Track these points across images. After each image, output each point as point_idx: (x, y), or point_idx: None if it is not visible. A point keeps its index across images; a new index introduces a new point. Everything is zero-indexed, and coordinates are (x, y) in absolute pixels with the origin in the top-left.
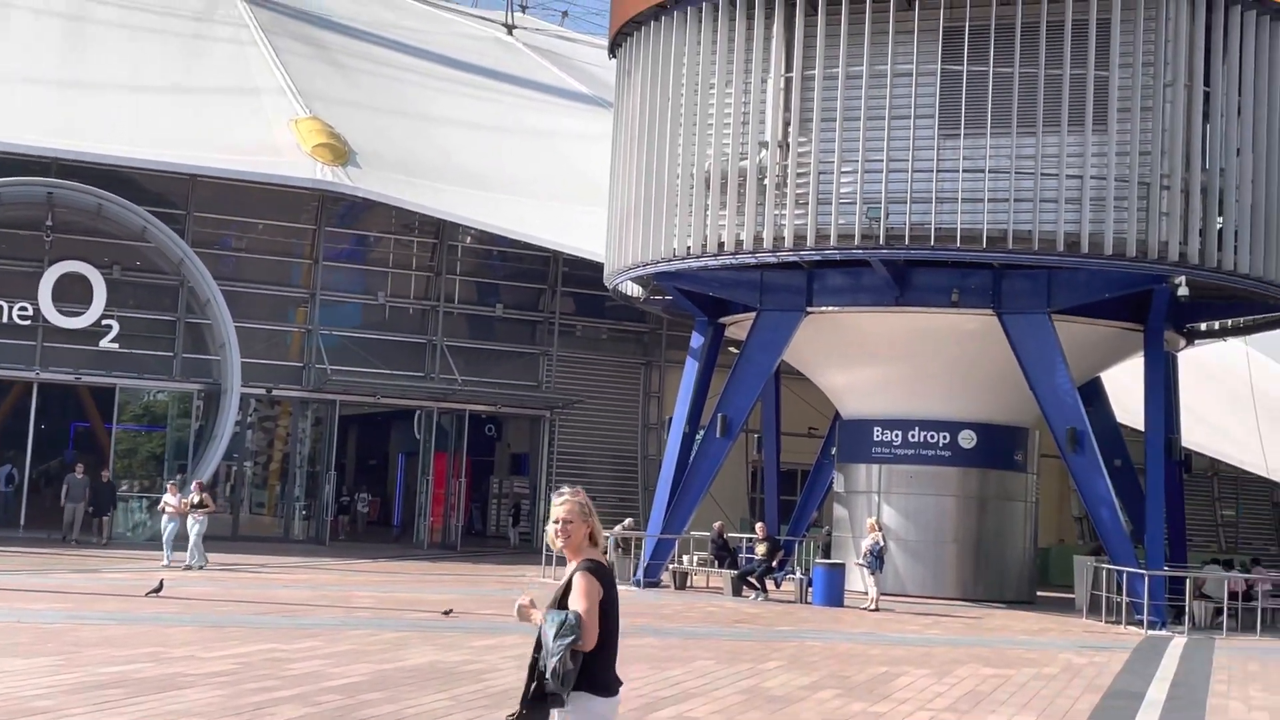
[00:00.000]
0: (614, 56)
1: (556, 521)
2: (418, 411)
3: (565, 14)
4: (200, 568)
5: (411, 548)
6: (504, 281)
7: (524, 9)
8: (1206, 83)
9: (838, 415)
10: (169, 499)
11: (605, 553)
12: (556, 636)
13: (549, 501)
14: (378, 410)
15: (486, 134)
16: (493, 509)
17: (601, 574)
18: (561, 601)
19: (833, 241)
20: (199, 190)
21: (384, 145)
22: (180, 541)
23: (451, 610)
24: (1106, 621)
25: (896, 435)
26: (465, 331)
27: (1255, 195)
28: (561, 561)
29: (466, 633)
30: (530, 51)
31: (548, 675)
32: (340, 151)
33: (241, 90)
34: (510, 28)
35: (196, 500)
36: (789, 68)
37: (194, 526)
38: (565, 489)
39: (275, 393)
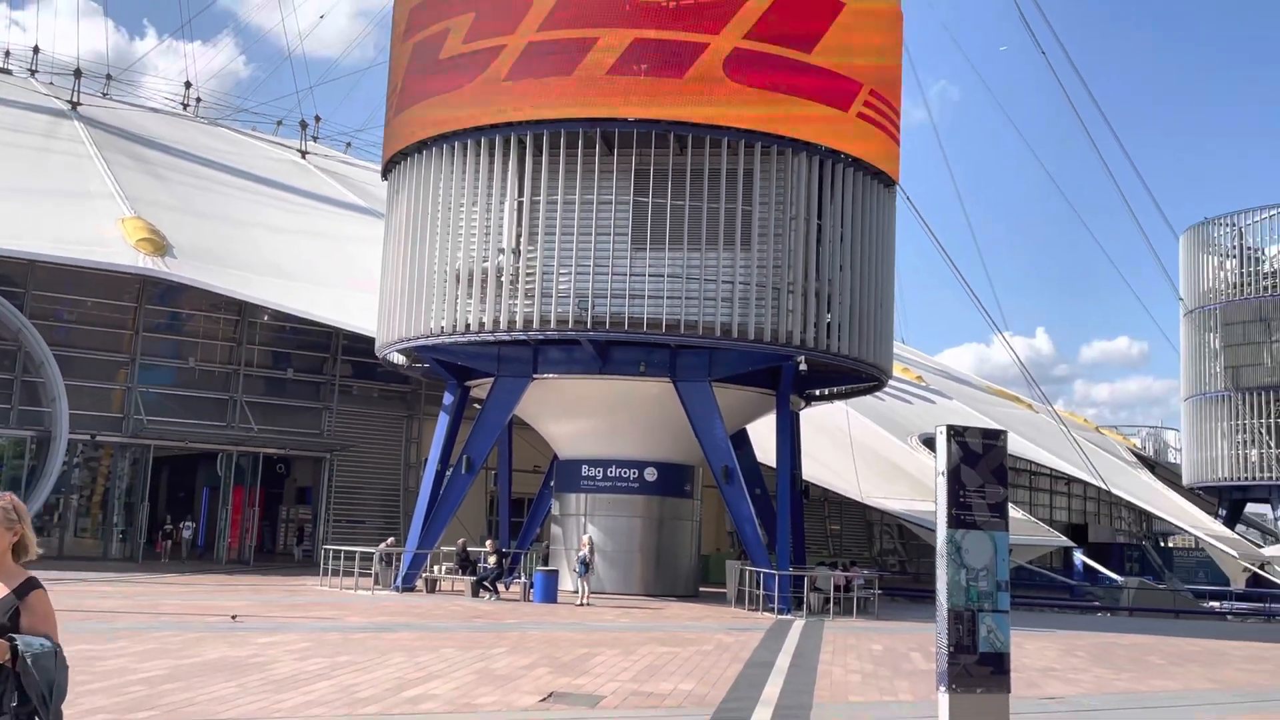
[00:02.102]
0: (386, 178)
1: None
2: (220, 454)
3: (349, 144)
4: None
5: (212, 564)
6: (294, 350)
7: (315, 139)
8: (820, 217)
9: (556, 456)
10: None
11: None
12: (38, 668)
13: (329, 525)
14: (187, 453)
15: (283, 235)
16: (281, 531)
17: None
18: (12, 621)
19: (553, 325)
20: (37, 273)
21: (197, 241)
22: None
23: (238, 615)
24: (749, 609)
25: (599, 471)
26: (261, 390)
27: (853, 299)
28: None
29: (254, 632)
30: (320, 172)
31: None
32: (159, 245)
33: (77, 194)
34: (304, 153)
35: None
36: (521, 193)
37: None
38: None
39: (99, 438)
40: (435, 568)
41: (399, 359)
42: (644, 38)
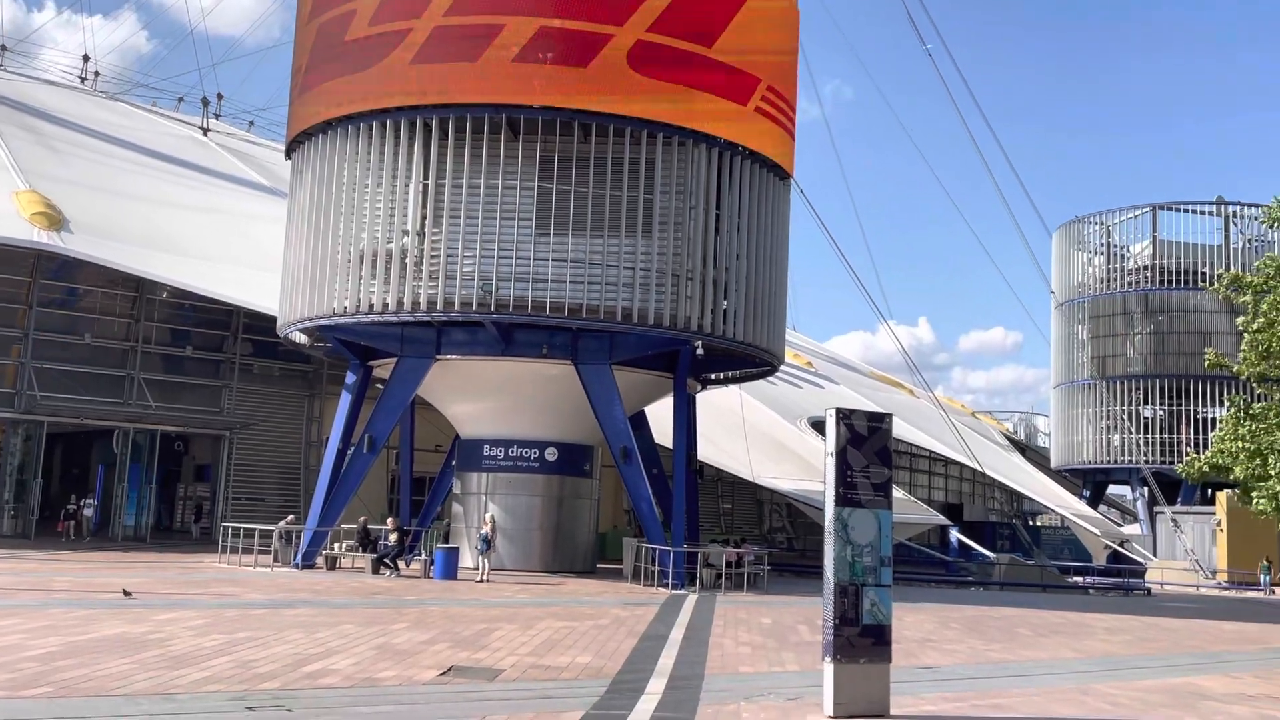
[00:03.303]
0: (290, 157)
1: None
2: (116, 431)
3: (252, 123)
4: None
5: (107, 541)
6: (194, 328)
7: (217, 117)
8: (718, 207)
9: (458, 436)
10: None
11: None
12: None
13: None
14: (82, 430)
15: (184, 211)
16: (179, 509)
17: None
18: None
19: (456, 307)
20: None
21: (94, 216)
22: None
23: (131, 592)
24: (645, 585)
25: (501, 451)
26: (160, 367)
27: (748, 287)
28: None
29: (151, 609)
30: (222, 150)
31: None
32: (55, 219)
33: None
34: (206, 130)
35: None
36: (426, 176)
37: None
38: None
39: None
40: (335, 545)
41: (301, 338)
42: (550, 27)
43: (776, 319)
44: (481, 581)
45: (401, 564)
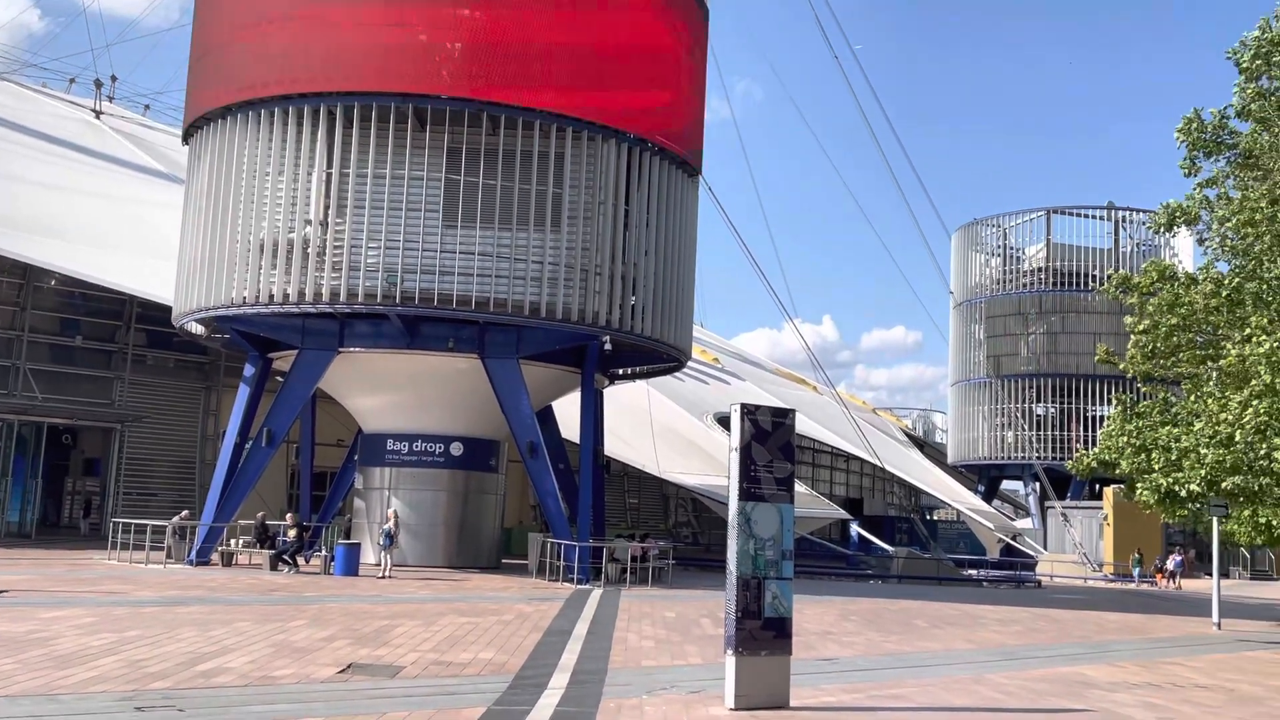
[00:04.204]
0: (187, 143)
1: None
2: (0, 423)
3: (147, 107)
4: None
5: None
6: (84, 317)
7: (111, 99)
8: (627, 203)
9: (360, 430)
10: None
11: None
12: None
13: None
14: None
15: (74, 196)
16: (66, 504)
17: None
18: None
19: (360, 299)
20: None
21: None
22: None
23: (6, 590)
24: (550, 580)
25: (405, 445)
26: (47, 357)
27: (656, 282)
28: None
29: (35, 607)
30: (115, 133)
31: None
32: None
33: None
34: (98, 113)
35: None
36: (330, 165)
37: None
38: None
39: None
40: (232, 541)
41: (198, 329)
42: (460, 15)
43: (684, 315)
44: (384, 578)
45: (301, 560)
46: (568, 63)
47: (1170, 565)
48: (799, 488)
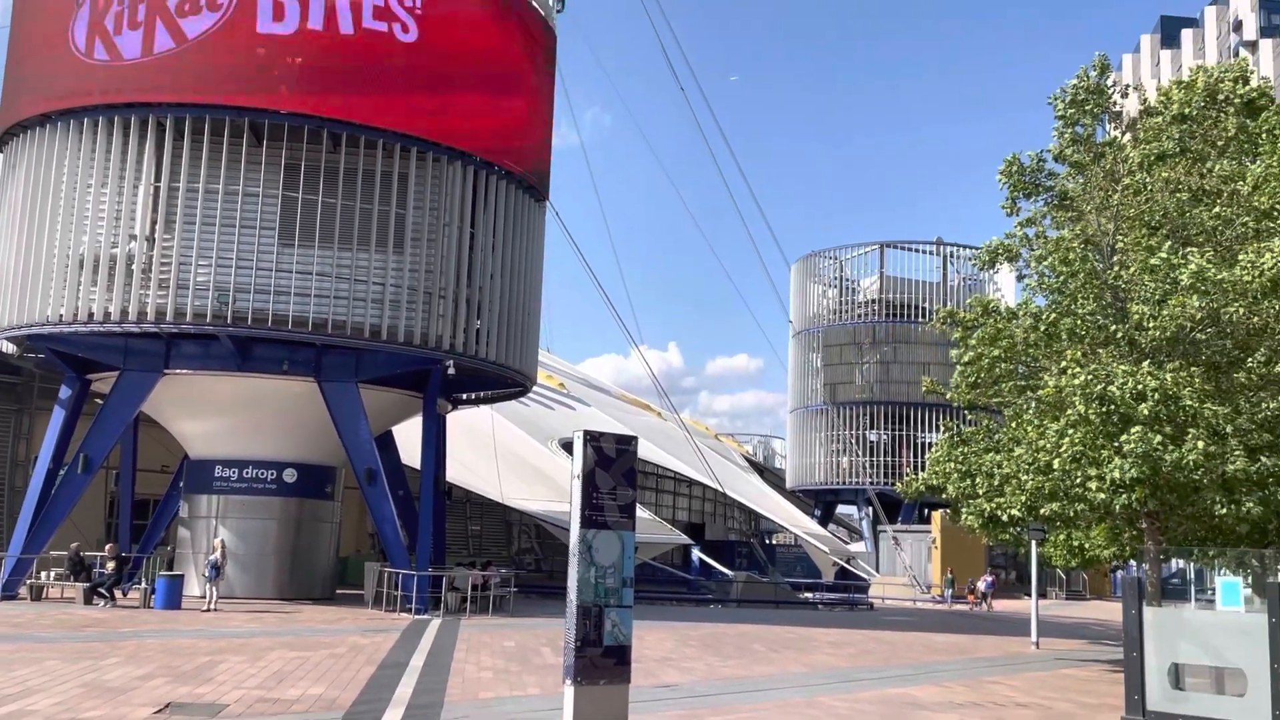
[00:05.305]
0: (1, 151)
1: None
2: None
3: None
4: None
5: None
6: None
7: None
8: (473, 226)
9: (186, 456)
10: None
11: None
12: None
13: None
14: None
15: None
16: None
17: None
18: None
19: (188, 318)
20: None
21: None
22: None
23: None
24: (386, 610)
25: (234, 472)
26: None
27: (502, 307)
28: None
29: None
30: None
31: None
32: None
33: None
34: None
35: None
36: (158, 178)
37: None
38: None
39: None
40: (43, 574)
41: (9, 347)
42: (305, 29)
43: (530, 340)
44: (208, 611)
45: (118, 593)
46: (413, 83)
47: (981, 586)
48: (642, 513)
